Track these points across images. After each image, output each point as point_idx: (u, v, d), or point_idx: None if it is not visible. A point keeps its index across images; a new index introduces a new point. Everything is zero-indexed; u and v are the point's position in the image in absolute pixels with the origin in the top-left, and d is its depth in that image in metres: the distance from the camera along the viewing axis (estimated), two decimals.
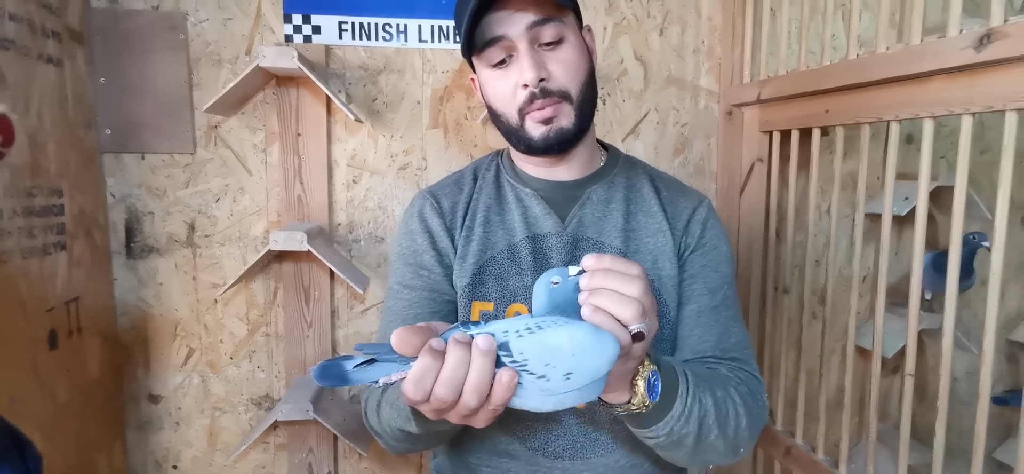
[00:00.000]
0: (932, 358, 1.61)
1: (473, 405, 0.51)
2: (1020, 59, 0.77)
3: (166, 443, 1.38)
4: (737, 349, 0.79)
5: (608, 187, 0.85)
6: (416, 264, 0.84)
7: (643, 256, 0.81)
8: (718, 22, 1.46)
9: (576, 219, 0.82)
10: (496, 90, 0.78)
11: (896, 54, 0.94)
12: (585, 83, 0.78)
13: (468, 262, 0.82)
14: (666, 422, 0.65)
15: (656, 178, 0.89)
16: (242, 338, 1.37)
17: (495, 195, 0.86)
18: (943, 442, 0.95)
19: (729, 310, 0.81)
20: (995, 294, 0.85)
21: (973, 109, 0.85)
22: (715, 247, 0.83)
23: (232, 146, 1.32)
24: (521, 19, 0.73)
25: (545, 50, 0.75)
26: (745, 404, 0.72)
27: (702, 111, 1.49)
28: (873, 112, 1.03)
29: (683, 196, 0.86)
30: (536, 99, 0.75)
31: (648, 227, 0.83)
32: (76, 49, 1.18)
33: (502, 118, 0.80)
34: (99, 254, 1.25)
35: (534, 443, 0.80)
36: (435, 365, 0.50)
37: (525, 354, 0.51)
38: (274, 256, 1.35)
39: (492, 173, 0.89)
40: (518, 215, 0.83)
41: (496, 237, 0.83)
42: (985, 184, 1.52)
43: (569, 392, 0.52)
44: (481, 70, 0.79)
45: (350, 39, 1.32)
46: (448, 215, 0.86)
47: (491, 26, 0.73)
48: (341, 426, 1.29)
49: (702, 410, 0.67)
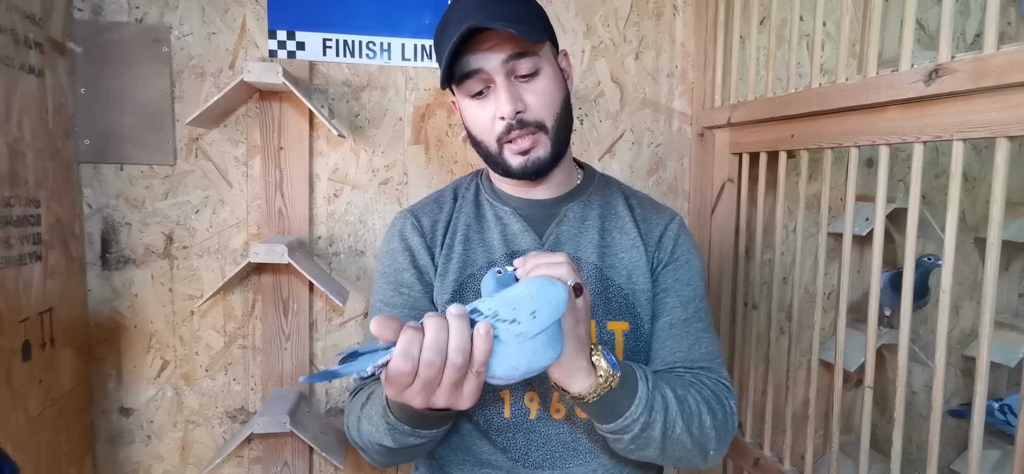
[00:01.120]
0: (892, 372, 1.67)
1: (459, 363, 0.55)
2: (966, 93, 0.83)
3: (137, 457, 1.36)
4: (706, 359, 0.82)
5: (584, 205, 0.89)
6: (397, 282, 0.86)
7: (618, 271, 0.84)
8: (691, 48, 1.52)
9: (553, 236, 0.85)
10: (475, 118, 0.82)
11: (854, 85, 1.00)
12: (560, 111, 0.82)
13: (448, 279, 0.84)
14: (636, 403, 0.68)
15: (630, 196, 0.92)
16: (218, 350, 1.37)
17: (475, 214, 0.89)
18: (900, 452, 1.00)
19: (700, 322, 0.85)
20: (945, 310, 0.90)
21: (924, 138, 0.91)
22: (687, 262, 0.87)
23: (213, 158, 1.32)
24: (497, 55, 0.76)
25: (521, 82, 0.79)
26: (707, 405, 0.75)
27: (675, 132, 1.54)
28: (834, 138, 1.08)
29: (656, 213, 0.90)
30: (513, 130, 0.79)
31: (622, 243, 0.86)
32: (58, 60, 1.18)
33: (482, 145, 0.83)
34: (74, 265, 1.24)
35: (514, 454, 0.81)
36: (418, 336, 0.55)
37: (494, 308, 0.58)
38: (253, 268, 1.35)
39: (472, 192, 0.92)
40: (497, 233, 0.86)
41: (476, 255, 0.86)
42: (940, 206, 1.60)
43: (540, 336, 0.58)
44: (461, 99, 0.83)
45: (334, 56, 1.35)
46: (428, 233, 0.88)
47: (469, 61, 0.77)
48: (317, 439, 1.29)
49: (664, 401, 0.70)
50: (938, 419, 0.93)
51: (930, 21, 1.58)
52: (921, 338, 1.68)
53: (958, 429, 1.76)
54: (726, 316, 1.47)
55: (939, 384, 0.93)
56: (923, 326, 1.69)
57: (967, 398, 1.78)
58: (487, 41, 0.76)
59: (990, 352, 0.84)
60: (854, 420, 1.67)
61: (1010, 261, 1.71)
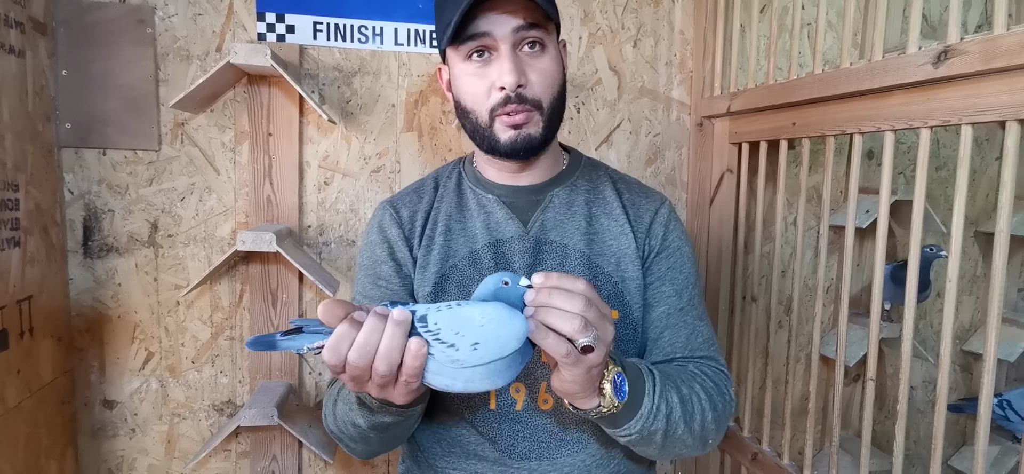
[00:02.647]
0: (891, 367, 1.66)
1: (383, 372, 0.54)
2: (975, 75, 0.80)
3: (120, 450, 1.32)
4: (705, 347, 0.82)
5: (570, 190, 0.86)
6: (375, 275, 0.85)
7: (607, 258, 0.82)
8: (690, 36, 1.49)
9: (538, 223, 0.83)
10: (469, 86, 0.78)
11: (859, 69, 0.98)
12: (557, 96, 0.79)
13: (429, 271, 0.82)
14: (637, 419, 0.66)
15: (618, 180, 0.90)
16: (205, 342, 1.33)
17: (456, 202, 0.87)
18: (903, 446, 0.97)
19: (695, 310, 0.83)
20: (952, 299, 0.88)
21: (931, 123, 0.88)
22: (678, 249, 0.85)
23: (200, 144, 1.29)
24: (508, 21, 0.73)
25: (525, 55, 0.76)
26: (710, 399, 0.75)
27: (674, 122, 1.51)
28: (837, 125, 1.06)
29: (645, 197, 0.88)
30: (510, 103, 0.75)
31: (611, 230, 0.83)
32: (39, 40, 1.14)
33: (470, 115, 0.79)
34: (55, 252, 1.20)
35: (501, 444, 0.79)
36: (351, 333, 0.54)
37: (439, 324, 0.55)
38: (241, 257, 1.31)
39: (454, 181, 0.89)
40: (480, 221, 0.84)
41: (457, 245, 0.83)
42: (940, 200, 1.58)
43: (477, 367, 0.54)
44: (455, 64, 0.79)
45: (325, 40, 1.31)
46: (407, 225, 0.86)
47: (478, 22, 0.73)
48: (306, 433, 1.26)
49: (669, 407, 0.69)
50: (943, 414, 0.91)
51: (932, 12, 1.56)
52: (920, 333, 1.66)
53: (956, 424, 1.74)
54: (724, 309, 1.44)
55: (944, 377, 0.90)
56: (922, 321, 1.67)
57: (965, 393, 1.76)
58: (500, 4, 0.73)
59: (998, 341, 0.82)
60: (852, 416, 1.65)
61: (1010, 255, 1.70)
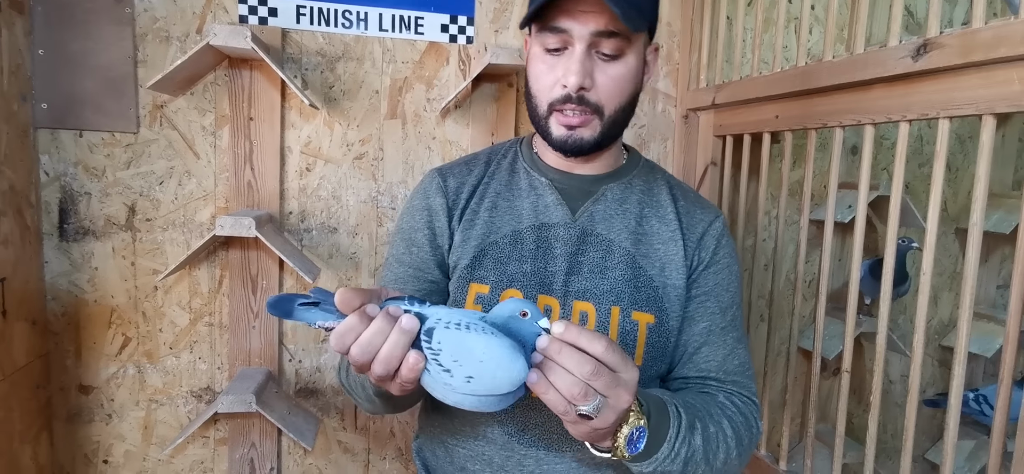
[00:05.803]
0: (869, 360, 1.67)
1: (379, 373, 0.56)
2: (954, 69, 0.81)
3: (97, 436, 1.31)
4: (739, 371, 0.81)
5: (625, 187, 0.85)
6: (409, 241, 0.86)
7: (652, 260, 0.81)
8: (677, 28, 1.49)
9: (587, 213, 0.82)
10: (539, 73, 0.78)
11: (841, 62, 0.98)
12: (624, 104, 0.79)
13: (470, 244, 0.82)
14: (651, 461, 0.65)
15: (674, 186, 0.89)
16: (183, 327, 1.32)
17: (508, 181, 0.87)
18: (875, 437, 0.98)
19: (736, 332, 0.83)
20: (926, 292, 0.89)
21: (909, 116, 0.89)
22: (727, 266, 0.84)
23: (179, 127, 1.27)
24: (587, 25, 0.72)
25: (599, 59, 0.75)
26: (737, 435, 0.73)
27: (659, 114, 1.51)
28: (819, 118, 1.06)
29: (700, 208, 0.86)
30: (569, 102, 0.75)
31: (661, 234, 0.83)
32: (15, 18, 1.12)
33: (533, 99, 0.81)
34: (29, 235, 1.18)
35: (510, 428, 0.79)
36: (359, 327, 0.55)
37: (442, 345, 0.54)
38: (221, 243, 1.30)
39: (508, 160, 0.89)
40: (529, 203, 0.84)
41: (502, 222, 0.83)
42: (923, 195, 1.59)
43: (468, 396, 0.55)
44: (533, 45, 0.79)
45: (308, 24, 1.30)
46: (452, 195, 0.86)
47: (559, 14, 0.73)
48: (285, 420, 1.25)
49: (690, 450, 0.67)
50: (915, 405, 0.92)
51: (918, 8, 1.56)
52: (900, 328, 1.68)
53: (933, 418, 1.76)
54: None
55: (916, 371, 0.91)
56: (902, 315, 1.69)
57: (943, 388, 1.78)
58: (585, 4, 0.72)
59: (969, 336, 0.83)
60: (831, 409, 1.66)
61: (989, 253, 1.71)
